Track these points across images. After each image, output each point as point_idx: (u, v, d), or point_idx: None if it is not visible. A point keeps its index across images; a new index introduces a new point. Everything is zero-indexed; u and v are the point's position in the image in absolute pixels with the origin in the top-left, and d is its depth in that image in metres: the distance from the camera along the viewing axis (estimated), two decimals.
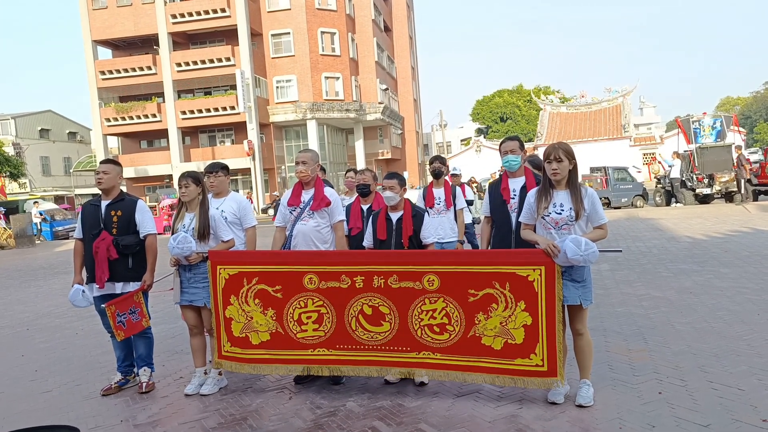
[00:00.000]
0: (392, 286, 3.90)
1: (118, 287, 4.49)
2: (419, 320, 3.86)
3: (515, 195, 4.38)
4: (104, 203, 4.52)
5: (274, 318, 4.11)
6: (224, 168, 4.91)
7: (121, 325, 4.42)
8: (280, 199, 5.31)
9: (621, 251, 4.91)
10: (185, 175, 4.45)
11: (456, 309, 3.79)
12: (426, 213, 4.67)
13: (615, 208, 21.18)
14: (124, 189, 4.84)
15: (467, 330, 3.77)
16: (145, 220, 4.54)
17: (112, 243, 4.38)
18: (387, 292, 3.91)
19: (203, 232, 4.32)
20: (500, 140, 4.78)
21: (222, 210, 4.74)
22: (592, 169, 23.08)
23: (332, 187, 6.20)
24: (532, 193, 3.85)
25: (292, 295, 4.08)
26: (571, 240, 3.49)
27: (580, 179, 3.82)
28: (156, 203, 28.26)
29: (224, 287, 4.20)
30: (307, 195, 4.62)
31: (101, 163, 4.64)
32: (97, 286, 4.45)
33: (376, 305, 3.93)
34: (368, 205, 5.11)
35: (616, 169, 22.23)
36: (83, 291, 4.49)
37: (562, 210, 3.66)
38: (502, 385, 3.80)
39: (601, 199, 21.19)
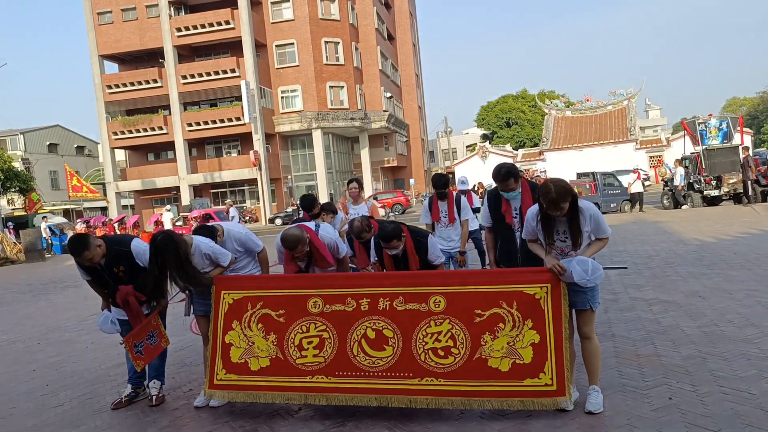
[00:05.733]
0: (397, 309, 3.86)
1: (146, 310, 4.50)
2: (423, 344, 3.78)
3: (517, 214, 4.42)
4: (100, 261, 4.33)
5: (275, 343, 4.03)
6: (212, 232, 4.49)
7: (140, 355, 4.42)
8: (296, 208, 5.20)
9: (626, 267, 4.89)
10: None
11: (461, 330, 3.73)
12: (431, 228, 4.66)
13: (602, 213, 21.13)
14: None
15: (473, 352, 3.69)
16: (147, 257, 4.31)
17: (134, 290, 4.33)
18: (392, 315, 3.86)
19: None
20: (496, 165, 4.54)
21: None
22: (579, 175, 23.08)
23: (334, 212, 6.19)
24: (532, 215, 3.77)
25: (295, 319, 4.02)
26: (578, 262, 3.51)
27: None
28: (188, 212, 28.77)
29: (227, 312, 4.15)
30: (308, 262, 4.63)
31: (74, 253, 4.18)
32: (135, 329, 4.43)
33: (380, 329, 3.86)
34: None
35: (604, 175, 22.30)
36: (111, 320, 4.51)
37: (566, 238, 3.66)
38: (510, 408, 3.68)
39: None
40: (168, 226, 22.90)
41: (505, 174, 4.43)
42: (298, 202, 6.42)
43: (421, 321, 3.81)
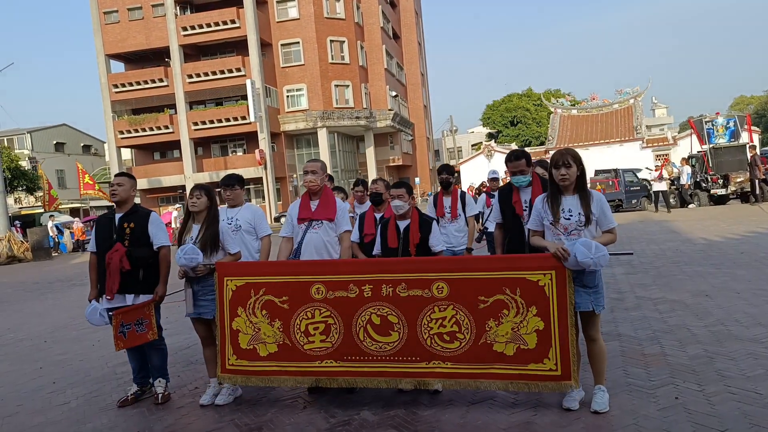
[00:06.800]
0: (401, 295, 3.87)
1: (129, 299, 4.50)
2: (428, 329, 3.82)
3: (526, 207, 4.42)
4: (118, 215, 4.54)
5: (280, 329, 4.07)
6: (240, 181, 5.03)
7: (122, 336, 4.44)
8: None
9: (632, 254, 4.90)
10: (198, 187, 4.53)
11: (466, 316, 3.76)
12: (436, 221, 4.69)
13: (624, 210, 21.11)
14: (138, 201, 4.89)
15: (478, 337, 3.74)
16: (159, 233, 4.56)
17: (125, 254, 4.39)
18: (395, 301, 3.88)
19: (206, 244, 4.32)
20: (508, 151, 4.72)
21: (237, 219, 4.84)
22: (597, 172, 23.03)
23: (345, 193, 6.25)
24: (538, 200, 3.85)
25: (299, 305, 4.05)
26: (582, 243, 3.49)
27: (588, 183, 3.82)
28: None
29: (231, 299, 4.18)
30: (315, 205, 4.61)
31: (115, 175, 4.67)
32: (107, 297, 4.48)
33: (384, 314, 3.90)
34: (381, 214, 5.13)
35: (626, 171, 22.30)
36: (100, 311, 4.52)
37: (571, 215, 3.65)
38: (516, 391, 3.77)
39: (614, 201, 21.18)
40: (175, 224, 22.96)
41: (518, 154, 4.56)
42: None
43: (424, 307, 3.83)
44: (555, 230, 3.71)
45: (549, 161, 3.81)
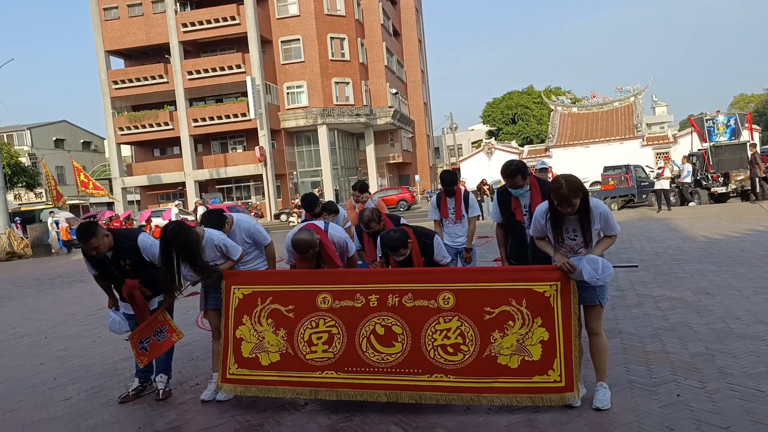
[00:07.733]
0: (406, 305, 3.84)
1: (155, 302, 4.52)
2: (432, 340, 3.77)
3: (526, 212, 4.42)
4: (107, 254, 4.39)
5: (285, 338, 4.04)
6: (221, 218, 4.57)
7: (144, 351, 4.44)
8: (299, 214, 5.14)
9: (637, 266, 4.87)
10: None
11: (471, 328, 3.72)
12: (441, 224, 4.64)
13: (636, 205, 21.22)
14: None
15: (482, 350, 3.69)
16: (154, 252, 4.40)
17: (140, 284, 4.38)
18: (401, 311, 3.85)
19: (202, 274, 4.23)
20: (504, 163, 4.53)
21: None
22: (606, 168, 23.08)
23: (336, 212, 6.18)
24: (540, 212, 3.74)
25: (304, 314, 4.02)
26: (588, 261, 3.49)
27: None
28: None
29: (237, 307, 4.16)
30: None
31: (81, 239, 4.22)
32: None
33: (389, 325, 3.86)
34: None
35: (637, 167, 22.47)
36: (119, 320, 4.53)
37: (576, 236, 3.63)
38: (519, 404, 3.69)
39: (627, 195, 21.23)
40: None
41: (513, 171, 4.45)
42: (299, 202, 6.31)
43: (430, 318, 3.79)
44: (561, 249, 3.69)
45: (550, 193, 3.55)
